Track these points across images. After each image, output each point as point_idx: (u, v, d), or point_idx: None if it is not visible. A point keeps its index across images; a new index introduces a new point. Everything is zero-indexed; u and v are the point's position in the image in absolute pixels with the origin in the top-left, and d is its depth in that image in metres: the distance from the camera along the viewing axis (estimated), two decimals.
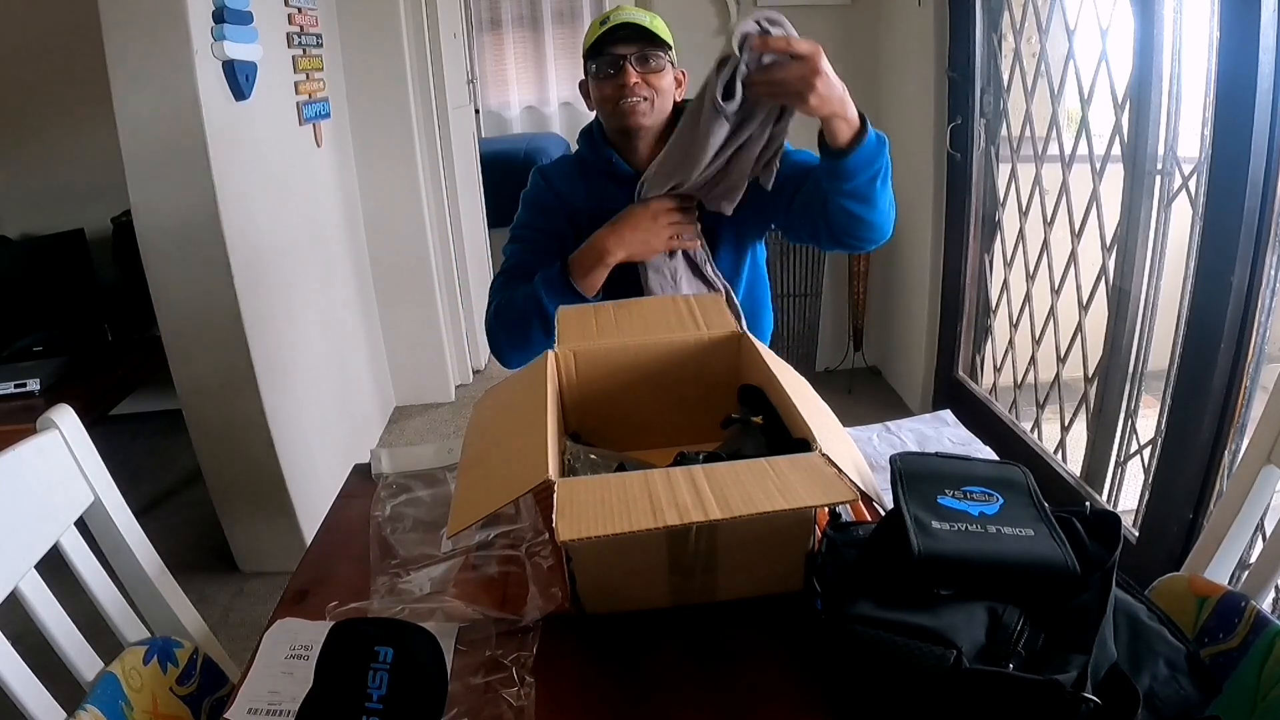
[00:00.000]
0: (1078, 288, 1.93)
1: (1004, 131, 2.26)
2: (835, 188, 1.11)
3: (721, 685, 0.72)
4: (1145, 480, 1.70)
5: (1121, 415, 1.84)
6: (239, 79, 1.87)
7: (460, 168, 3.10)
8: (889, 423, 1.42)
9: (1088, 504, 0.73)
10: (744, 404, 0.97)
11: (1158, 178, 1.65)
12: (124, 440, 2.98)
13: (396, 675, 0.65)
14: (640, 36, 1.20)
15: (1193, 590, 0.82)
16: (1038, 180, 2.10)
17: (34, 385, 2.03)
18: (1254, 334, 1.40)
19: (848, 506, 0.91)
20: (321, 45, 2.49)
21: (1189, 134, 1.55)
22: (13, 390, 2.02)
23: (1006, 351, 2.37)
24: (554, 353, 1.01)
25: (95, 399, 2.08)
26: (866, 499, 0.74)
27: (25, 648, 0.77)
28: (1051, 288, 2.06)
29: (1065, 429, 2.06)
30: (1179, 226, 1.59)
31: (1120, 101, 1.72)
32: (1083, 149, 1.86)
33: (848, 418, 0.93)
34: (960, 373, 2.62)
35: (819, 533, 0.79)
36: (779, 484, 0.68)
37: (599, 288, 1.22)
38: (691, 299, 1.14)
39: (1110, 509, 1.09)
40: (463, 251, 3.16)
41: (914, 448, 1.35)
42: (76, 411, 0.90)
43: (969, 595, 0.64)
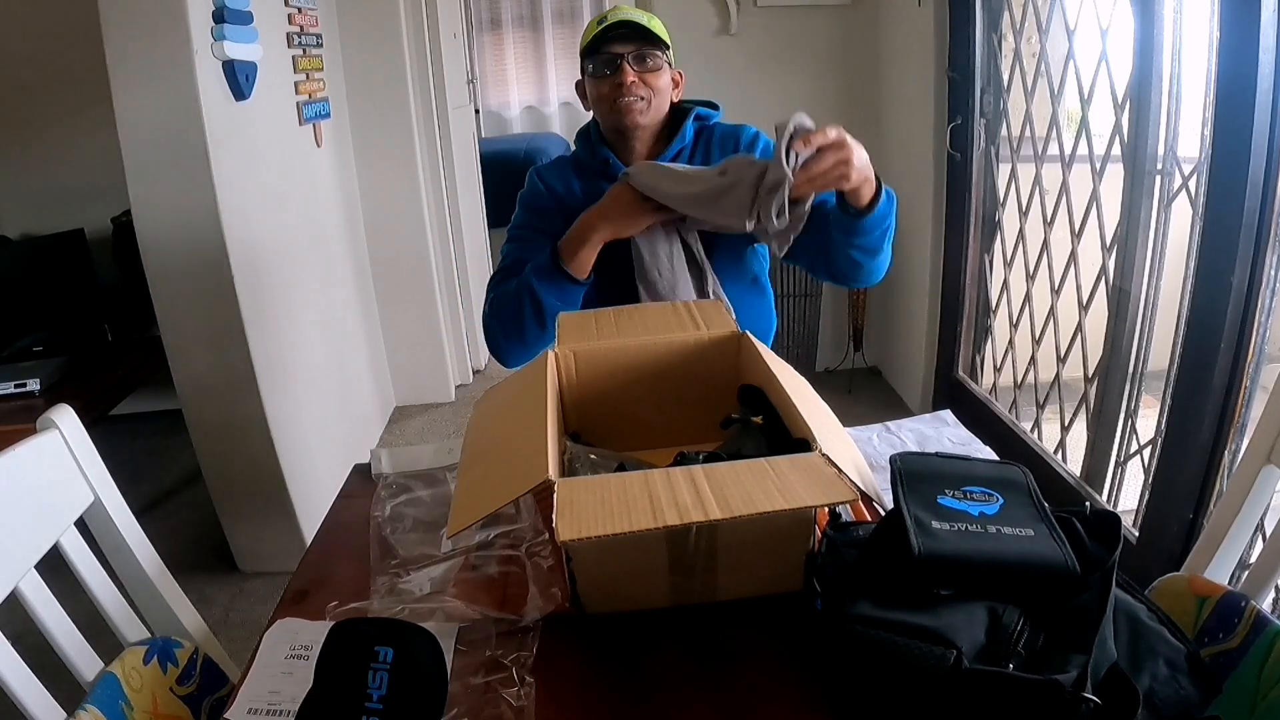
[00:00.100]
0: (1078, 288, 1.93)
1: (1004, 131, 2.26)
2: (848, 240, 1.15)
3: (721, 685, 0.72)
4: (1145, 480, 1.70)
5: (1121, 415, 1.84)
6: (239, 79, 1.87)
7: (460, 168, 3.10)
8: (889, 423, 1.42)
9: (1088, 504, 0.73)
10: (744, 404, 0.97)
11: (1158, 178, 1.65)
12: (124, 440, 2.98)
13: (396, 675, 0.65)
14: (637, 35, 1.20)
15: (1193, 590, 0.82)
16: (1038, 180, 2.10)
17: (34, 385, 2.03)
18: (1254, 334, 1.40)
19: (848, 506, 0.91)
20: (321, 45, 2.49)
21: (1189, 134, 1.55)
22: (13, 390, 2.02)
23: (1006, 351, 2.37)
24: (554, 353, 1.01)
25: (95, 399, 2.08)
26: (866, 499, 0.74)
27: (25, 648, 0.77)
28: (1051, 288, 2.06)
29: (1065, 429, 2.06)
30: (1179, 226, 1.59)
31: (1120, 101, 1.72)
32: (1083, 149, 1.86)
33: (848, 418, 0.93)
34: (960, 373, 2.62)
35: (819, 533, 0.79)
36: (779, 484, 0.68)
37: (589, 269, 1.21)
38: (691, 304, 1.14)
39: (1110, 509, 1.09)
40: (463, 251, 3.16)
41: (914, 448, 1.35)
42: (76, 411, 0.90)
43: (969, 595, 0.64)
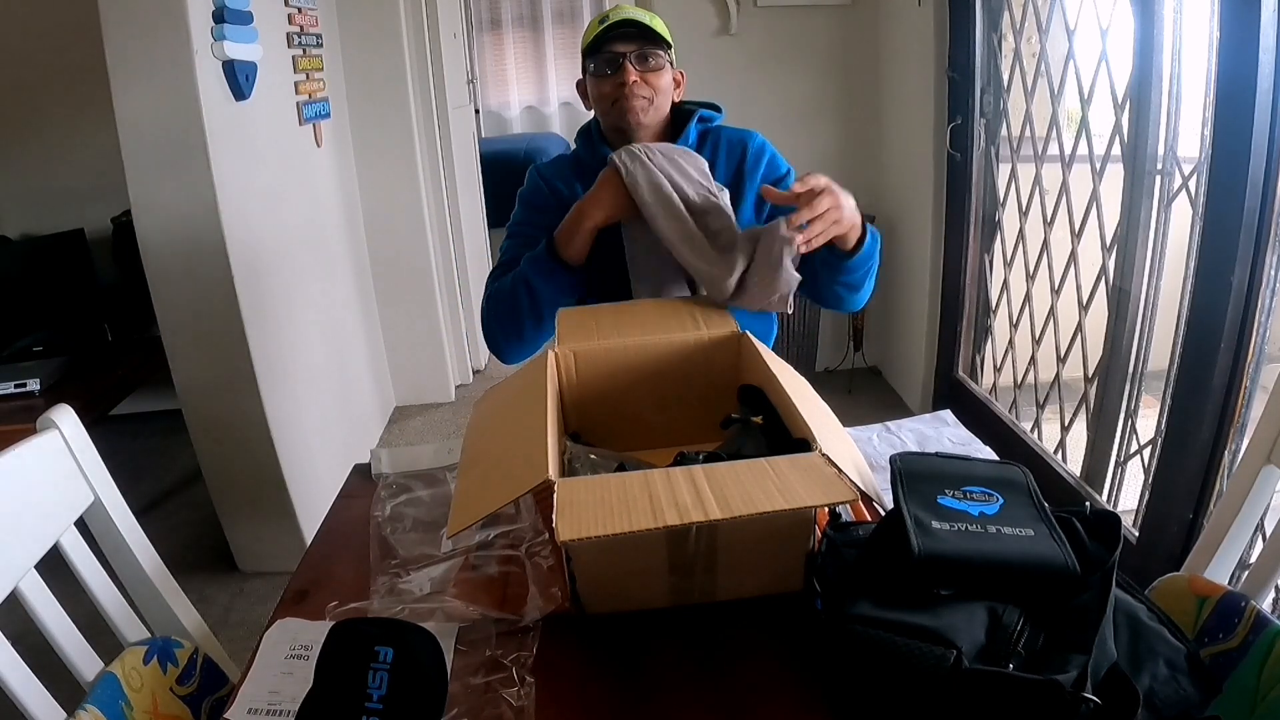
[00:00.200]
0: (1078, 288, 1.93)
1: (1004, 131, 2.26)
2: (834, 279, 1.20)
3: (721, 685, 0.71)
4: (1145, 480, 1.70)
5: (1121, 415, 1.84)
6: (239, 79, 1.87)
7: (460, 168, 3.10)
8: (889, 423, 1.42)
9: (1088, 504, 0.73)
10: (744, 404, 0.97)
11: (1158, 178, 1.65)
12: (124, 440, 2.98)
13: (396, 675, 0.65)
14: (640, 35, 1.20)
15: (1193, 590, 0.82)
16: (1038, 180, 2.10)
17: (34, 385, 2.03)
18: (1254, 334, 1.40)
19: (848, 506, 0.91)
20: (321, 45, 2.49)
21: (1189, 134, 1.55)
22: (13, 390, 2.02)
23: (1006, 351, 2.37)
24: (554, 353, 1.01)
25: (95, 399, 2.08)
26: (866, 499, 0.74)
27: (25, 648, 0.77)
28: (1051, 288, 2.06)
29: (1065, 429, 2.06)
30: (1179, 226, 1.59)
31: (1120, 101, 1.72)
32: (1083, 149, 1.86)
33: (848, 418, 0.93)
34: (960, 373, 2.62)
35: (819, 533, 0.79)
36: (779, 484, 0.68)
37: (584, 257, 1.19)
38: (691, 304, 1.14)
39: (1110, 509, 1.09)
40: (463, 251, 3.16)
41: (914, 448, 1.35)
42: (76, 411, 0.90)
43: (969, 595, 0.64)
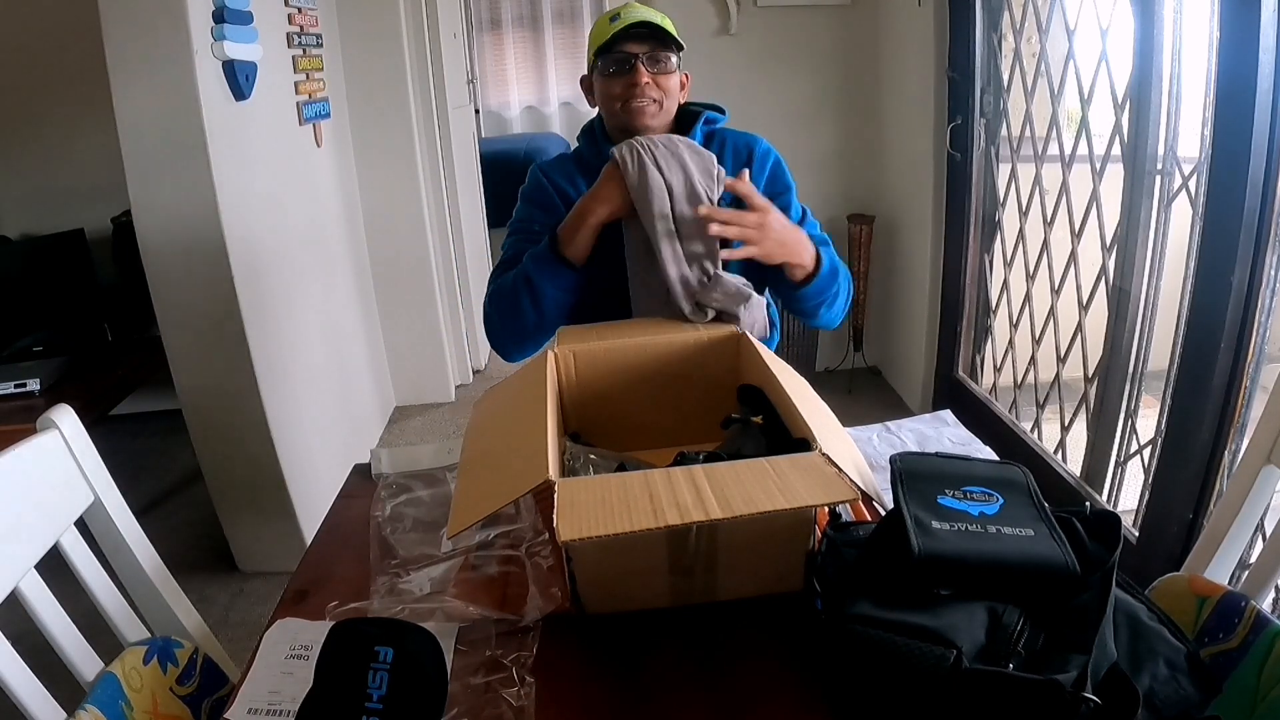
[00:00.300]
0: (1078, 288, 1.93)
1: (1004, 131, 2.26)
2: (787, 302, 1.27)
3: (721, 685, 0.72)
4: (1145, 480, 1.70)
5: (1121, 415, 1.84)
6: (239, 79, 1.87)
7: (460, 168, 3.10)
8: (889, 423, 1.42)
9: (1088, 504, 0.73)
10: (744, 404, 0.97)
11: (1158, 178, 1.65)
12: (124, 440, 2.98)
13: (396, 675, 0.65)
14: (652, 36, 1.20)
15: (1193, 590, 0.82)
16: (1038, 180, 2.10)
17: (34, 385, 2.03)
18: (1254, 334, 1.40)
19: (848, 506, 0.91)
20: (321, 45, 2.49)
21: (1189, 134, 1.55)
22: (13, 390, 2.02)
23: (1006, 351, 2.37)
24: (554, 353, 1.01)
25: (95, 399, 2.08)
26: (866, 499, 0.74)
27: (25, 648, 0.77)
28: (1051, 288, 2.06)
29: (1065, 429, 2.06)
30: (1179, 226, 1.59)
31: (1120, 101, 1.72)
32: (1083, 149, 1.86)
33: (848, 418, 0.93)
34: (960, 373, 2.62)
35: (819, 533, 0.79)
36: (779, 484, 0.68)
37: (586, 255, 1.19)
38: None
39: (1110, 509, 1.09)
40: (463, 251, 3.16)
41: (914, 448, 1.35)
42: (76, 411, 0.90)
43: (969, 595, 0.64)
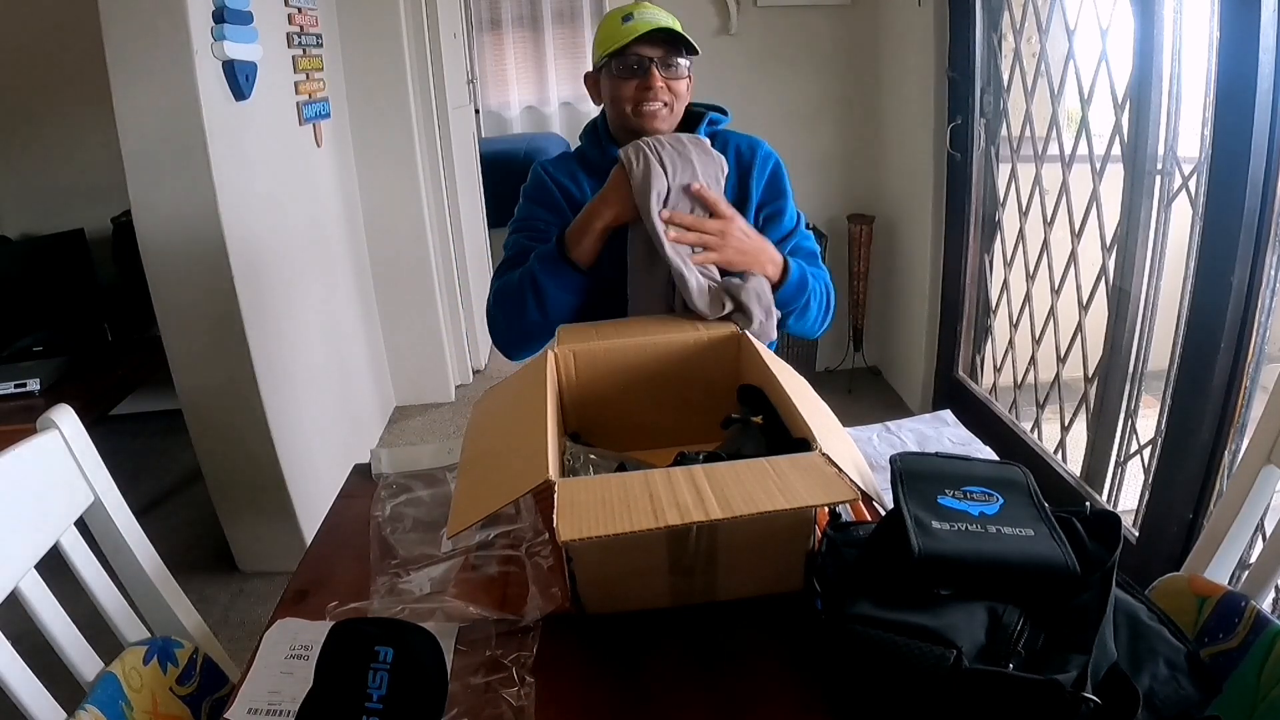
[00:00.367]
0: (1078, 288, 1.93)
1: (1004, 131, 2.26)
2: None
3: (721, 685, 0.72)
4: (1145, 480, 1.70)
5: (1121, 415, 1.84)
6: (239, 79, 1.87)
7: (460, 168, 3.10)
8: (889, 423, 1.42)
9: (1088, 504, 0.73)
10: (744, 404, 0.97)
11: (1158, 178, 1.65)
12: (124, 440, 2.98)
13: (396, 675, 0.65)
14: (668, 40, 1.20)
15: (1193, 590, 0.82)
16: (1038, 180, 2.10)
17: (34, 385, 2.03)
18: (1254, 334, 1.40)
19: (848, 506, 0.91)
20: (321, 45, 2.49)
21: (1189, 134, 1.55)
22: (13, 390, 2.02)
23: (1006, 351, 2.37)
24: (554, 353, 1.01)
25: (95, 399, 2.08)
26: (866, 499, 0.74)
27: (25, 648, 0.77)
28: (1051, 288, 2.06)
29: (1065, 429, 2.06)
30: (1179, 226, 1.59)
31: (1120, 101, 1.72)
32: (1083, 149, 1.86)
33: (848, 418, 0.93)
34: (960, 373, 2.62)
35: (819, 533, 0.79)
36: (779, 484, 0.68)
37: (593, 258, 1.19)
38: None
39: (1110, 509, 1.09)
40: (463, 251, 3.16)
41: (914, 448, 1.35)
42: (76, 411, 0.90)
43: (969, 595, 0.64)
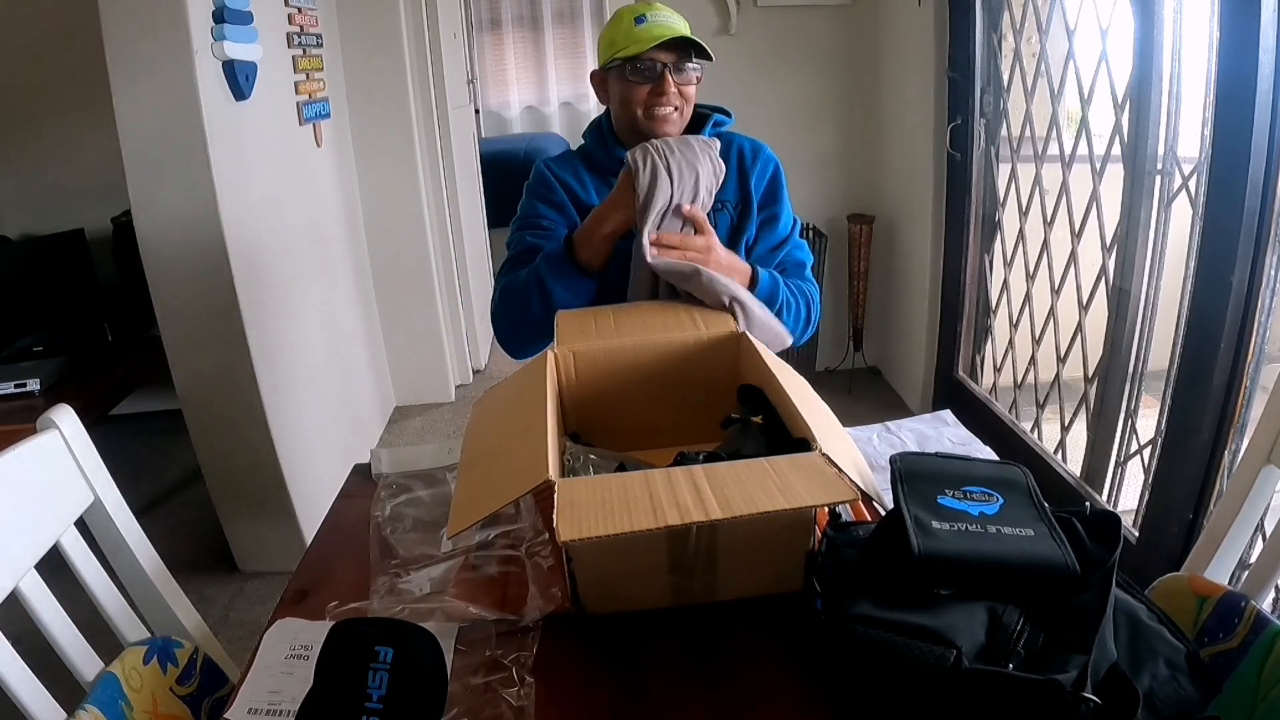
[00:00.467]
0: (1078, 288, 1.93)
1: (1004, 131, 2.26)
2: None
3: (721, 685, 0.72)
4: (1145, 480, 1.70)
5: (1121, 415, 1.84)
6: (239, 79, 1.87)
7: (460, 168, 3.10)
8: (889, 423, 1.42)
9: (1088, 504, 0.73)
10: (744, 404, 0.97)
11: (1158, 178, 1.65)
12: (124, 440, 2.98)
13: (396, 675, 0.65)
14: (680, 44, 1.20)
15: (1193, 590, 0.82)
16: (1038, 180, 2.10)
17: (34, 385, 2.03)
18: (1254, 334, 1.40)
19: (848, 506, 0.91)
20: (321, 45, 2.49)
21: (1189, 134, 1.55)
22: (13, 390, 2.02)
23: (1006, 351, 2.37)
24: (554, 353, 1.01)
25: (95, 399, 2.08)
26: (866, 499, 0.74)
27: (25, 648, 0.77)
28: (1051, 288, 2.06)
29: (1065, 429, 2.06)
30: (1179, 226, 1.59)
31: (1120, 101, 1.72)
32: (1083, 149, 1.86)
33: (848, 418, 0.93)
34: (960, 373, 2.62)
35: (819, 533, 0.79)
36: (779, 484, 0.68)
37: (601, 261, 1.19)
38: (692, 308, 1.14)
39: (1110, 509, 1.09)
40: (463, 251, 3.16)
41: (914, 448, 1.35)
42: (76, 411, 0.90)
43: (969, 595, 0.64)
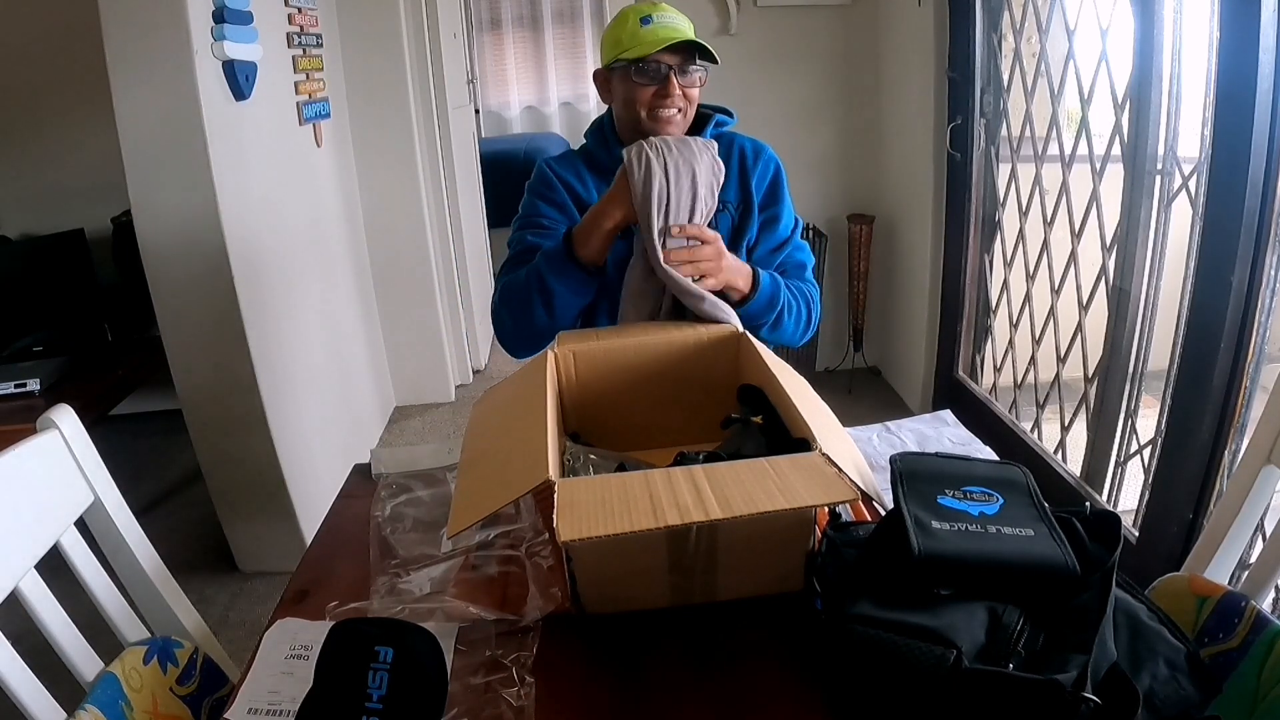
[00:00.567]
0: (1078, 288, 1.93)
1: (1004, 131, 2.26)
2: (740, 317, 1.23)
3: (721, 685, 0.72)
4: (1145, 480, 1.70)
5: (1121, 415, 1.84)
6: (239, 79, 1.87)
7: (460, 168, 3.10)
8: (889, 423, 1.42)
9: (1088, 504, 0.73)
10: (744, 404, 0.97)
11: (1158, 178, 1.65)
12: (124, 440, 2.98)
13: (396, 675, 0.65)
14: (687, 48, 1.20)
15: (1193, 590, 0.82)
16: (1038, 180, 2.10)
17: (34, 385, 2.03)
18: (1254, 334, 1.40)
19: (848, 506, 0.91)
20: (321, 45, 2.49)
21: (1189, 134, 1.55)
22: (13, 390, 2.02)
23: (1006, 351, 2.37)
24: (554, 353, 1.01)
25: (95, 399, 2.08)
26: (866, 499, 0.74)
27: (25, 648, 0.77)
28: (1051, 288, 2.06)
29: (1065, 429, 2.06)
30: (1179, 226, 1.59)
31: (1120, 101, 1.72)
32: (1083, 149, 1.86)
33: (848, 418, 0.93)
34: (960, 373, 2.62)
35: (819, 533, 0.79)
36: (779, 484, 0.68)
37: (602, 259, 1.18)
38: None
39: (1110, 509, 1.09)
40: (463, 251, 3.16)
41: (914, 448, 1.35)
42: (76, 411, 0.90)
43: (969, 595, 0.64)
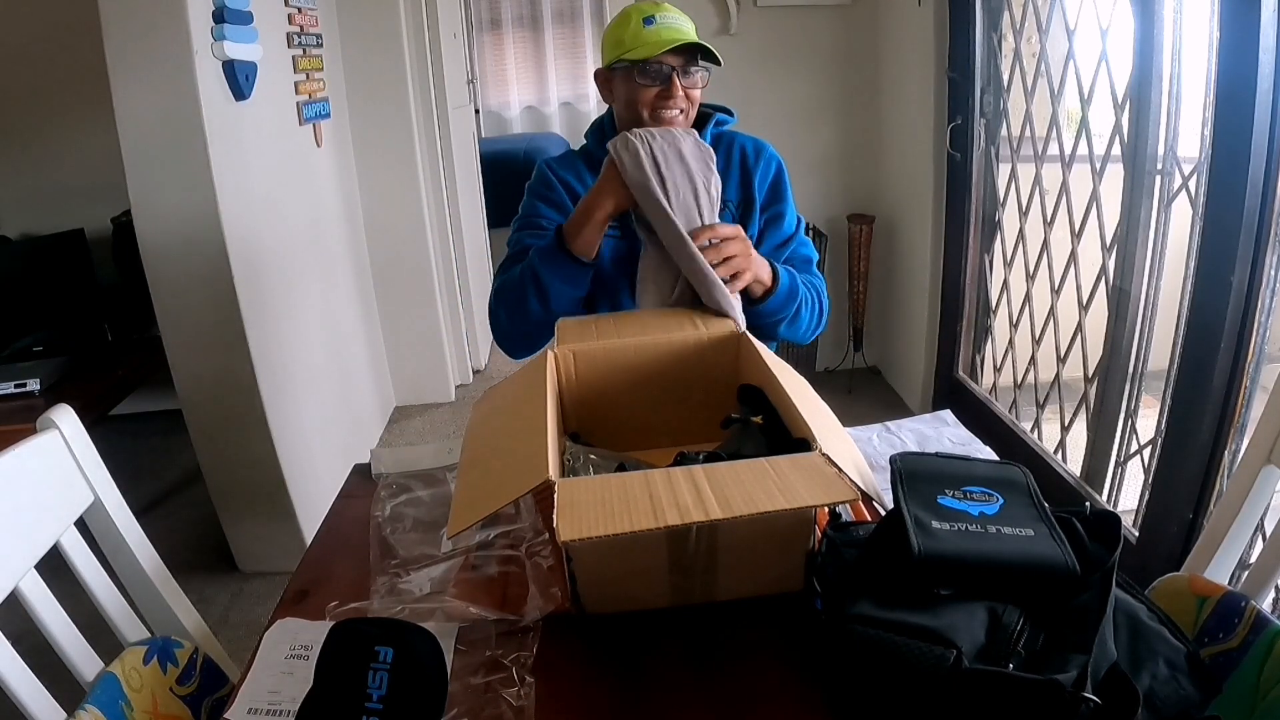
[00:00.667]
0: (1078, 288, 1.93)
1: (1004, 131, 2.26)
2: (749, 316, 1.22)
3: (721, 685, 0.72)
4: (1145, 480, 1.70)
5: (1121, 415, 1.84)
6: (239, 79, 1.87)
7: (460, 168, 3.10)
8: (889, 423, 1.42)
9: (1088, 504, 0.73)
10: (744, 404, 0.97)
11: (1158, 178, 1.65)
12: (124, 440, 2.98)
13: (396, 675, 0.65)
14: (690, 49, 1.20)
15: (1193, 590, 0.82)
16: (1038, 180, 2.10)
17: (34, 385, 2.03)
18: (1254, 334, 1.40)
19: (848, 506, 0.91)
20: (321, 45, 2.49)
21: (1189, 134, 1.55)
22: (13, 390, 2.02)
23: (1006, 351, 2.37)
24: (554, 353, 1.01)
25: (95, 399, 2.08)
26: (866, 499, 0.74)
27: (25, 648, 0.77)
28: (1051, 288, 2.06)
29: (1065, 429, 2.06)
30: (1179, 226, 1.59)
31: (1120, 101, 1.72)
32: (1083, 149, 1.86)
33: (848, 418, 0.93)
34: (960, 373, 2.62)
35: (819, 533, 0.79)
36: (779, 484, 0.68)
37: (594, 250, 1.18)
38: (693, 313, 1.13)
39: (1110, 509, 1.09)
40: (463, 251, 3.16)
41: (914, 448, 1.35)
42: (76, 411, 0.90)
43: (969, 595, 0.64)
